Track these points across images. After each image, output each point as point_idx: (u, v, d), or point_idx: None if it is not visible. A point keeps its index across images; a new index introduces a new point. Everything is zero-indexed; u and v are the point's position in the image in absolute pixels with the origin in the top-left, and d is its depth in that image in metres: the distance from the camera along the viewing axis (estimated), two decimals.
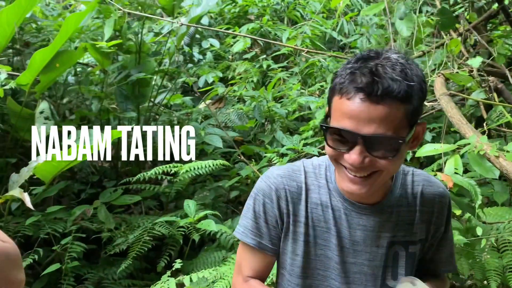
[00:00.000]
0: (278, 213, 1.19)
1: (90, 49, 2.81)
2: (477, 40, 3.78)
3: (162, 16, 3.90)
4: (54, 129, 2.63)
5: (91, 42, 2.84)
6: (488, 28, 4.37)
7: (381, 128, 0.97)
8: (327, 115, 1.08)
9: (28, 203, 2.00)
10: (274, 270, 1.32)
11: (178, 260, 2.37)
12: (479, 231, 2.10)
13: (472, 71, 3.02)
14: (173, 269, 2.34)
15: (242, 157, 3.05)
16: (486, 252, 2.38)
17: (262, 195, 1.19)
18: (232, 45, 5.00)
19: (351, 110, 0.98)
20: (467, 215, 2.44)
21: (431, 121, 3.98)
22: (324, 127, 1.05)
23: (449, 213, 1.24)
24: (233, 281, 1.30)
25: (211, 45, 4.85)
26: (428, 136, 3.51)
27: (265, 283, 1.26)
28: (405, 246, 1.19)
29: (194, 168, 2.82)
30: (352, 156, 1.00)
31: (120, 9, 2.87)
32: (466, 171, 3.04)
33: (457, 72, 2.92)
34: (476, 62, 2.77)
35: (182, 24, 2.87)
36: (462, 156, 2.71)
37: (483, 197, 3.05)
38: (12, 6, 2.48)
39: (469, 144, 2.29)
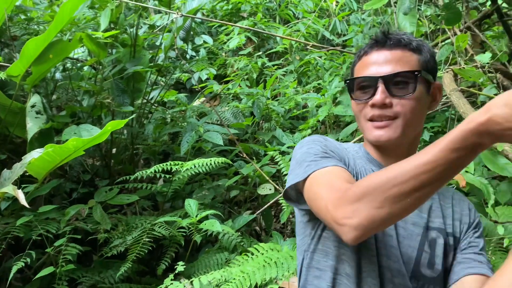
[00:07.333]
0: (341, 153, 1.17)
1: (85, 40, 2.66)
2: (470, 40, 3.75)
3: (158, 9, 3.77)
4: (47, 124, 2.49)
5: (88, 32, 2.69)
6: (482, 28, 4.36)
7: (398, 66, 1.10)
8: (350, 88, 1.17)
9: (23, 201, 1.85)
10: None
11: (181, 263, 2.24)
12: (500, 230, 2.02)
13: (477, 67, 2.97)
14: (176, 272, 2.21)
15: (245, 155, 2.92)
16: (491, 252, 2.32)
17: (322, 138, 1.18)
18: (225, 42, 4.89)
19: (369, 61, 1.13)
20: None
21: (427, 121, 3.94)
22: (347, 81, 1.16)
23: (479, 221, 1.21)
24: (332, 201, 0.94)
25: (205, 42, 4.74)
26: (426, 135, 3.45)
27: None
28: (444, 234, 1.15)
29: (195, 166, 2.69)
30: (375, 97, 1.08)
31: None
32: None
33: (464, 68, 2.86)
34: (485, 58, 2.71)
35: (182, 15, 2.74)
36: None
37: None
38: None
39: None
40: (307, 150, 1.12)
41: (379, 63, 1.11)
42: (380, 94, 1.08)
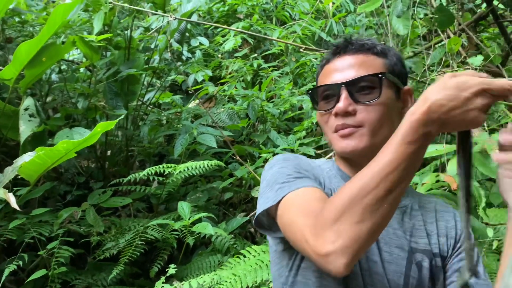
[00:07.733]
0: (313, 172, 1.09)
1: (78, 43, 2.67)
2: (466, 42, 3.76)
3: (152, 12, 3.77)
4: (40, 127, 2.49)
5: (81, 35, 2.69)
6: (477, 30, 4.36)
7: (361, 71, 1.04)
8: (314, 99, 1.13)
9: (14, 204, 1.85)
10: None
11: (172, 265, 2.25)
12: (489, 233, 2.02)
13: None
14: (167, 274, 2.22)
15: (238, 157, 2.93)
16: (484, 254, 2.33)
17: (293, 156, 1.10)
18: (221, 44, 4.90)
19: (332, 68, 1.09)
20: None
21: None
22: (309, 91, 1.11)
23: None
24: (306, 225, 0.87)
25: (200, 44, 4.74)
26: None
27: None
28: (429, 256, 1.06)
29: (188, 169, 2.70)
30: (337, 105, 1.02)
31: (111, 2, 2.73)
32: None
33: (456, 71, 2.87)
34: (477, 60, 2.72)
35: (176, 18, 2.75)
36: None
37: None
38: None
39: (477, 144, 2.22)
40: (279, 170, 1.03)
41: (341, 69, 1.06)
42: (343, 102, 1.02)
